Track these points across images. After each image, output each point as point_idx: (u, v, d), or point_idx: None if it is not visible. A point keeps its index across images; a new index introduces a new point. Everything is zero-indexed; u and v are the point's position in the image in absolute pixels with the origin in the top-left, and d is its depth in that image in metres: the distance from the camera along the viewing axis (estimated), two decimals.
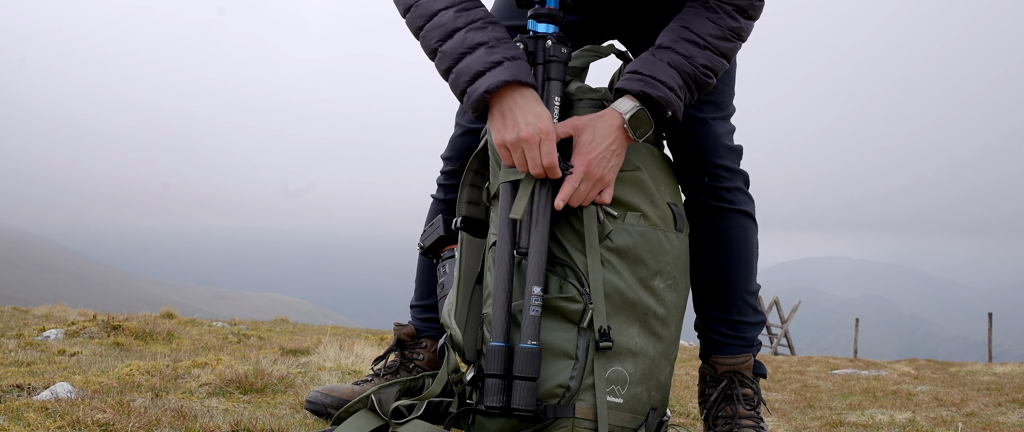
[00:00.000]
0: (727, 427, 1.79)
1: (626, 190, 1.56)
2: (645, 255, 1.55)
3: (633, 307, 1.54)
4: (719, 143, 1.79)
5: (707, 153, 1.78)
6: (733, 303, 1.86)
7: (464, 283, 1.65)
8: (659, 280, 1.57)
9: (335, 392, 2.02)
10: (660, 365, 1.60)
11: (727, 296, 1.86)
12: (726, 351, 1.86)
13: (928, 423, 2.80)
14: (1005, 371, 6.27)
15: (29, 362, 3.07)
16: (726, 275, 1.85)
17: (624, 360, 1.52)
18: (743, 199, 1.85)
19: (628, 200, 1.56)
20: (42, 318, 6.59)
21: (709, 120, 1.77)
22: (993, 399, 3.83)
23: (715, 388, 1.84)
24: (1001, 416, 3.15)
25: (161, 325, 4.73)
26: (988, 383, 5.03)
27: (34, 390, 2.26)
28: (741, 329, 1.86)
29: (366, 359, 3.56)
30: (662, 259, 1.57)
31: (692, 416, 2.68)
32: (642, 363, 1.55)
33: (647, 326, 1.57)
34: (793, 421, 2.84)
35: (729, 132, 1.84)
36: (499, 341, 1.48)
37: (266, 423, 1.81)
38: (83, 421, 1.65)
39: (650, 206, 1.58)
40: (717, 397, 1.83)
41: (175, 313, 7.02)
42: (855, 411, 3.18)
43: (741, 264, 1.86)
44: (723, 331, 1.86)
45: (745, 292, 1.87)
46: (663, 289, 1.58)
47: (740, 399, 1.80)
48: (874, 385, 4.70)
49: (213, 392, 2.41)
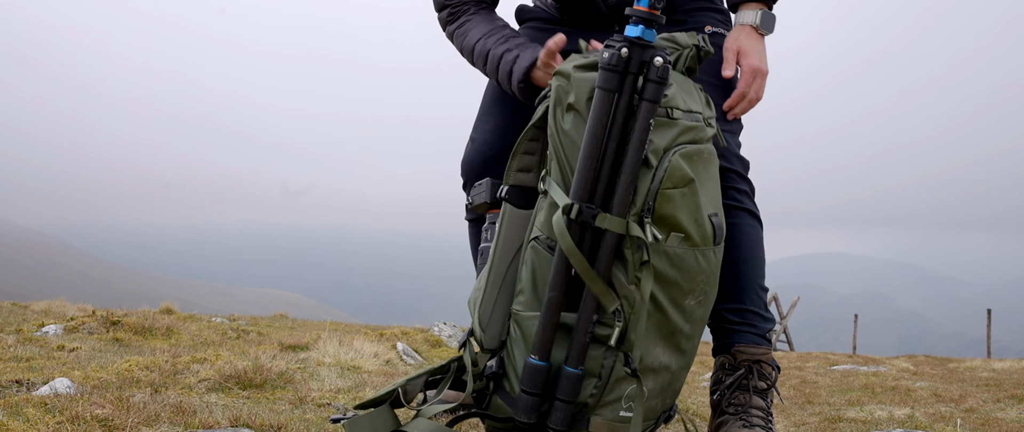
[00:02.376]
0: (735, 412, 1.79)
1: (675, 207, 1.48)
2: (680, 277, 1.50)
3: (660, 327, 1.52)
4: (730, 152, 1.90)
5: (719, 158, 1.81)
6: (746, 294, 1.89)
7: (498, 262, 1.61)
8: (690, 299, 1.54)
9: None
10: (679, 376, 1.61)
11: (742, 286, 1.89)
12: (746, 340, 1.87)
13: (927, 419, 2.80)
14: (1004, 367, 6.27)
15: (28, 357, 3.07)
16: (740, 267, 1.89)
17: (646, 378, 1.52)
18: (750, 203, 1.94)
19: (676, 219, 1.48)
20: (41, 313, 6.59)
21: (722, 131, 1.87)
22: (992, 395, 3.84)
23: (732, 375, 1.85)
24: (1000, 412, 3.15)
25: (160, 321, 4.73)
26: (987, 379, 5.04)
27: (33, 385, 2.26)
28: (754, 319, 1.89)
29: (365, 355, 3.56)
30: (696, 279, 1.53)
31: (691, 412, 2.68)
32: (663, 378, 1.56)
33: (673, 343, 1.55)
34: (792, 417, 2.84)
35: (737, 144, 1.95)
36: (541, 360, 1.47)
37: (265, 418, 1.81)
38: (82, 416, 1.65)
39: (694, 225, 1.50)
40: (733, 383, 1.83)
41: (174, 309, 7.03)
42: (854, 407, 3.18)
43: (753, 257, 1.91)
44: (736, 320, 1.88)
45: (757, 285, 1.92)
46: (693, 306, 1.55)
47: (756, 390, 1.81)
48: (873, 381, 4.70)
49: (212, 388, 2.41)
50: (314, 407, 2.27)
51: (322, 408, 2.26)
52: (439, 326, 5.99)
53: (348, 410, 2.27)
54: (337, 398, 2.44)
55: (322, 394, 2.48)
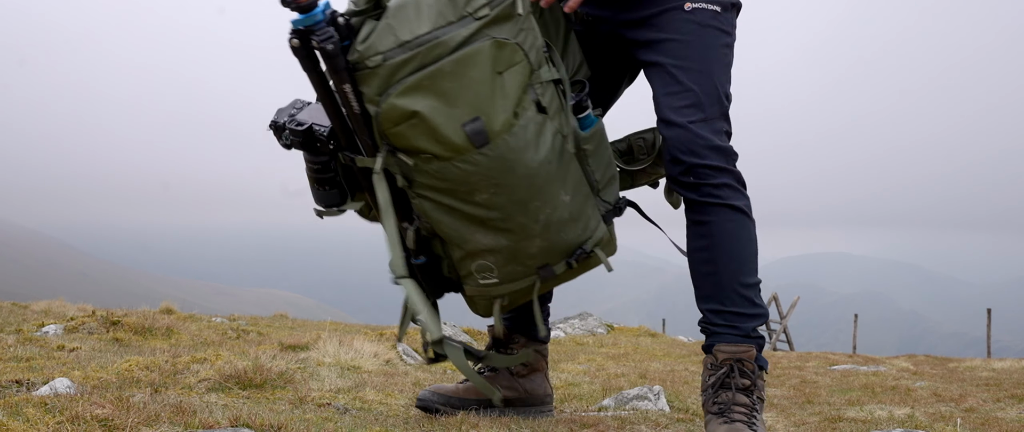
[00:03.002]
0: (719, 411, 1.83)
1: (408, 138, 1.67)
2: (453, 184, 1.72)
3: (467, 219, 1.77)
4: (701, 145, 1.85)
5: (687, 155, 1.85)
6: (725, 294, 1.88)
7: None
8: (479, 195, 1.74)
9: (442, 390, 2.23)
10: (524, 246, 1.83)
11: (718, 286, 1.89)
12: (725, 340, 1.88)
13: (927, 419, 2.80)
14: (1004, 367, 6.27)
15: (28, 357, 3.07)
16: (717, 267, 1.89)
17: (485, 257, 1.83)
18: (732, 194, 1.89)
19: (414, 145, 1.67)
20: (41, 313, 6.59)
21: (688, 124, 1.85)
22: (992, 395, 3.84)
23: (714, 374, 1.87)
24: (1000, 412, 3.15)
25: (160, 321, 4.74)
26: (987, 379, 5.04)
27: (33, 385, 2.26)
28: (736, 320, 1.88)
29: (365, 354, 3.56)
30: (471, 181, 1.71)
31: (691, 411, 2.68)
32: (503, 253, 1.82)
33: (490, 227, 1.78)
34: (792, 416, 2.84)
35: (717, 132, 1.89)
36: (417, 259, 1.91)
37: (265, 418, 1.81)
38: (82, 416, 1.65)
39: (436, 144, 1.66)
40: (715, 382, 1.87)
41: (174, 309, 7.03)
42: (854, 407, 3.18)
43: (732, 256, 1.88)
44: (718, 322, 1.89)
45: (738, 284, 1.89)
46: (489, 198, 1.74)
47: (739, 388, 1.83)
48: (873, 381, 4.70)
49: (212, 387, 2.41)
50: (314, 407, 2.27)
51: (322, 408, 2.26)
52: None
53: (349, 408, 2.27)
54: (337, 398, 2.44)
55: (322, 394, 2.48)
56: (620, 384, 3.59)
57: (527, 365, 2.26)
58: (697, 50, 1.89)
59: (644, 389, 2.90)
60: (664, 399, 2.85)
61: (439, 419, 2.10)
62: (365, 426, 1.96)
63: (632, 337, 8.93)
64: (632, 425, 2.23)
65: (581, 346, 7.09)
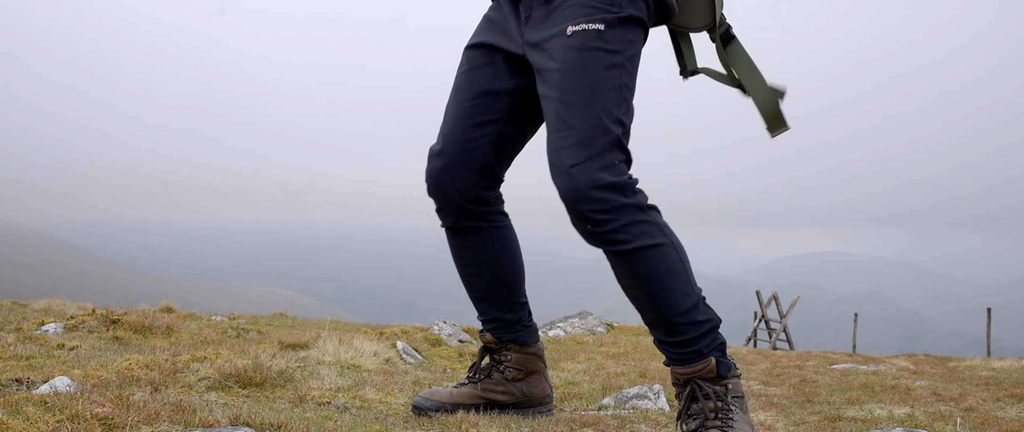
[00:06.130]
0: (693, 426, 1.86)
1: None
2: None
3: None
4: (587, 189, 1.73)
5: (578, 203, 1.74)
6: (666, 327, 1.86)
7: None
8: None
9: (436, 395, 2.22)
10: None
11: (658, 320, 1.86)
12: (678, 364, 1.89)
13: (926, 418, 2.80)
14: (1004, 366, 6.27)
15: (28, 356, 3.07)
16: (649, 304, 1.85)
17: None
18: (637, 233, 1.78)
19: None
20: (41, 312, 6.59)
21: (569, 169, 1.74)
22: (991, 394, 3.84)
23: (682, 392, 1.91)
24: (999, 411, 3.15)
25: (160, 319, 4.74)
26: (987, 378, 5.04)
27: (33, 384, 2.26)
28: (682, 347, 1.87)
29: (365, 353, 3.56)
30: None
31: None
32: None
33: None
34: (792, 415, 2.84)
35: (606, 166, 1.74)
36: None
37: (265, 417, 1.81)
38: (82, 415, 1.65)
39: None
40: (685, 398, 1.90)
41: (174, 307, 7.03)
42: (854, 406, 3.18)
43: (659, 296, 1.82)
44: (669, 349, 1.90)
45: (673, 316, 1.83)
46: None
47: (709, 396, 1.86)
48: (873, 380, 4.70)
49: (212, 386, 2.41)
50: (314, 406, 2.27)
51: (322, 407, 2.26)
52: (439, 325, 5.99)
53: (349, 407, 2.28)
54: (337, 397, 2.44)
55: (322, 393, 2.48)
56: (620, 383, 3.60)
57: (524, 369, 2.27)
58: (576, 80, 1.76)
59: (644, 388, 2.90)
60: (664, 398, 2.86)
61: (438, 418, 2.11)
62: (365, 425, 1.96)
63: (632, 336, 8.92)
64: (632, 424, 2.23)
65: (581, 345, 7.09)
